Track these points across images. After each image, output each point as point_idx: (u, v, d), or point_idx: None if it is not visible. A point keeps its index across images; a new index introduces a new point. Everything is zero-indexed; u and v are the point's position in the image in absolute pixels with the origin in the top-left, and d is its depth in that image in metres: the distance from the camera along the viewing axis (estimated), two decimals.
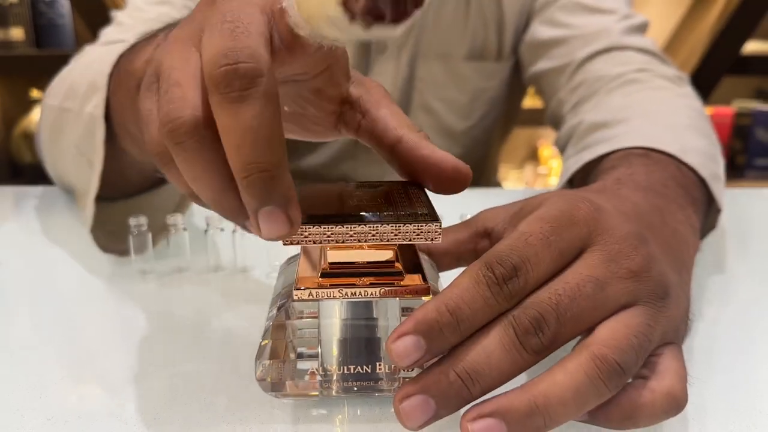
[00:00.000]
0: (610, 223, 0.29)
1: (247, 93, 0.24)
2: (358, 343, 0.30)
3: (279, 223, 0.25)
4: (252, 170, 0.24)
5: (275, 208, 0.25)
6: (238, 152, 0.24)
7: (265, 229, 0.25)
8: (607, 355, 0.26)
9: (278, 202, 0.25)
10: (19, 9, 1.69)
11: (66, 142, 0.50)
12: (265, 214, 0.25)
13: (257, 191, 0.25)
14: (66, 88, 0.52)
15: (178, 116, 0.25)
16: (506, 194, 0.78)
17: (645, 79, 0.60)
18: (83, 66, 0.52)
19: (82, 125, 0.47)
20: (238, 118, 0.24)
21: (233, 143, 0.24)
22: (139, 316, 0.42)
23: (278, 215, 0.25)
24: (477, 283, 0.27)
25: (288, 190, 0.25)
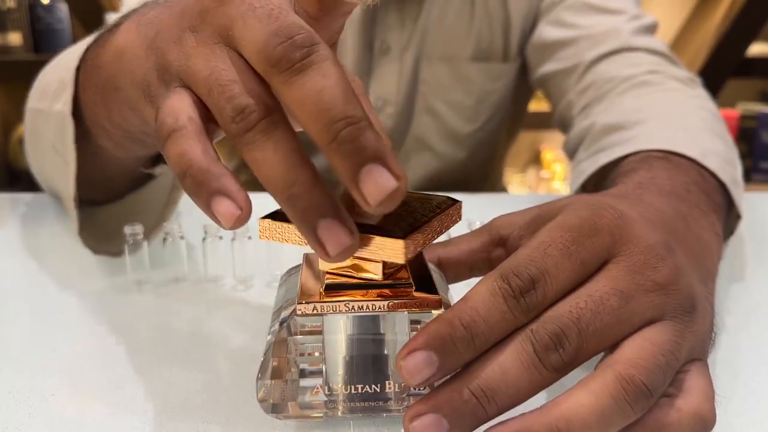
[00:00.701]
0: (635, 232, 0.27)
1: (310, 59, 0.23)
2: (365, 360, 0.28)
3: (385, 179, 0.22)
4: (340, 126, 0.23)
5: (374, 164, 0.22)
6: (321, 117, 0.23)
7: (372, 190, 0.23)
8: (634, 376, 0.24)
9: (373, 155, 0.23)
10: (17, 14, 1.69)
11: (44, 143, 0.49)
12: (366, 173, 0.22)
13: (352, 146, 0.23)
14: (40, 89, 0.50)
15: (247, 104, 0.24)
16: (514, 199, 0.76)
17: (657, 81, 0.58)
18: (55, 65, 0.51)
19: (54, 124, 0.45)
20: (310, 85, 0.23)
21: (312, 110, 0.23)
22: (134, 328, 0.40)
23: (379, 170, 0.23)
24: (492, 295, 0.25)
25: (381, 142, 0.23)
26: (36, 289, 0.46)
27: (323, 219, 0.23)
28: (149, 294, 0.45)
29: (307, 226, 0.24)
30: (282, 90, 0.24)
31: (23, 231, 0.58)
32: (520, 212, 0.33)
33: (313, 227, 0.24)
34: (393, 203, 0.23)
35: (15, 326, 0.41)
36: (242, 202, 0.25)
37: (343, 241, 0.24)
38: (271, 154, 0.24)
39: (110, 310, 0.43)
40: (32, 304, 0.44)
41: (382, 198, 0.23)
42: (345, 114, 0.23)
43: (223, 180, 0.25)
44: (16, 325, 0.41)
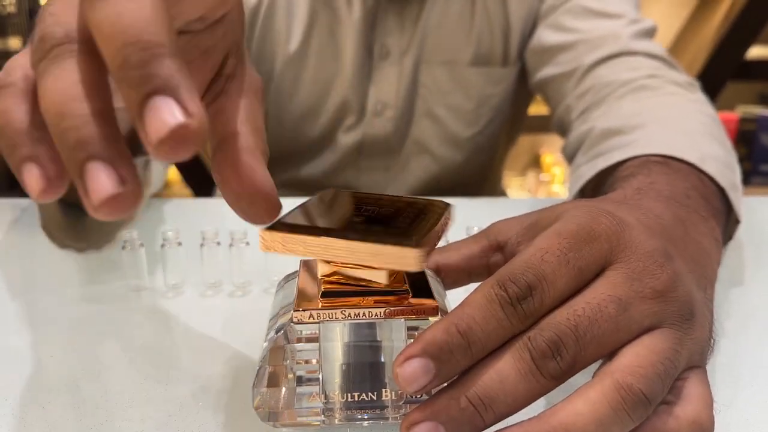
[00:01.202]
0: (633, 238, 0.27)
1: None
2: (362, 367, 0.28)
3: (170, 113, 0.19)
4: (127, 53, 0.20)
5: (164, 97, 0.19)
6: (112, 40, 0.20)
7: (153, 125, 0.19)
8: (632, 384, 0.24)
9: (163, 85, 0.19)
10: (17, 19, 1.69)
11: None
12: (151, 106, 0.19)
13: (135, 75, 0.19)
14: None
15: (49, 31, 0.22)
16: (513, 204, 0.76)
17: (656, 86, 0.58)
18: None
19: None
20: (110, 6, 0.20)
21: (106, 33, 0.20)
22: (131, 334, 0.40)
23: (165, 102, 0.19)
24: (489, 302, 0.25)
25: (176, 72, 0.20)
26: (32, 296, 0.46)
27: (91, 161, 0.20)
28: (146, 300, 0.44)
29: (73, 166, 0.21)
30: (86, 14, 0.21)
31: (20, 237, 0.57)
32: (518, 218, 0.33)
33: (80, 168, 0.21)
34: (180, 145, 0.19)
35: (11, 333, 0.41)
36: (52, 171, 0.22)
37: (108, 187, 0.20)
38: (52, 83, 0.21)
39: (107, 316, 0.42)
40: (29, 310, 0.44)
41: (165, 134, 0.19)
42: (137, 39, 0.20)
43: (38, 147, 0.22)
44: (12, 331, 0.41)
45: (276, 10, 0.72)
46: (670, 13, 1.88)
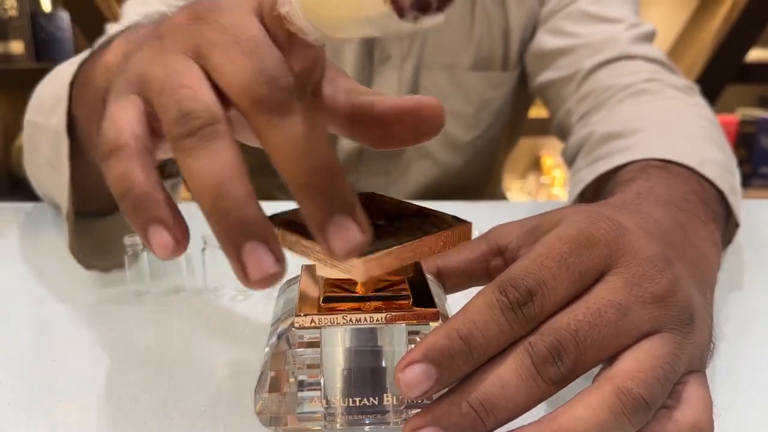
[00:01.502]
0: (633, 243, 0.27)
1: (293, 104, 0.23)
2: (363, 372, 0.28)
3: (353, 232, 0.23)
4: (313, 175, 0.22)
5: (343, 216, 0.23)
6: (297, 162, 0.22)
7: (339, 242, 0.23)
8: (632, 389, 0.24)
9: (344, 206, 0.23)
10: (19, 22, 1.69)
11: (40, 157, 0.49)
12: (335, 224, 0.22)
13: (322, 196, 0.22)
14: (37, 102, 0.51)
15: (194, 108, 0.23)
16: (513, 207, 0.76)
17: (656, 89, 0.59)
18: (52, 78, 0.51)
19: (50, 139, 0.45)
20: (290, 129, 0.23)
21: (290, 155, 0.23)
22: (133, 338, 0.40)
23: (348, 223, 0.23)
24: (490, 307, 0.25)
25: (352, 194, 0.23)
26: (35, 300, 0.46)
27: (249, 241, 0.22)
28: (148, 304, 0.45)
29: (231, 245, 0.23)
30: (260, 129, 0.23)
31: (23, 240, 0.58)
32: (519, 222, 0.33)
33: (237, 248, 0.22)
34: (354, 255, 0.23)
35: (14, 337, 0.41)
36: (179, 233, 0.24)
37: (266, 267, 0.22)
38: (207, 162, 0.23)
39: (110, 321, 0.43)
40: (31, 315, 0.44)
41: (349, 249, 0.23)
42: (321, 162, 0.22)
43: (163, 208, 0.24)
44: (16, 335, 0.41)
45: None
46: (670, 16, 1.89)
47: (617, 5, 0.69)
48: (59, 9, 1.74)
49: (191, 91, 0.24)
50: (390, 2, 0.20)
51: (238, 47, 0.24)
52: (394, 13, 0.20)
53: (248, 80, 0.23)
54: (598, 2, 0.68)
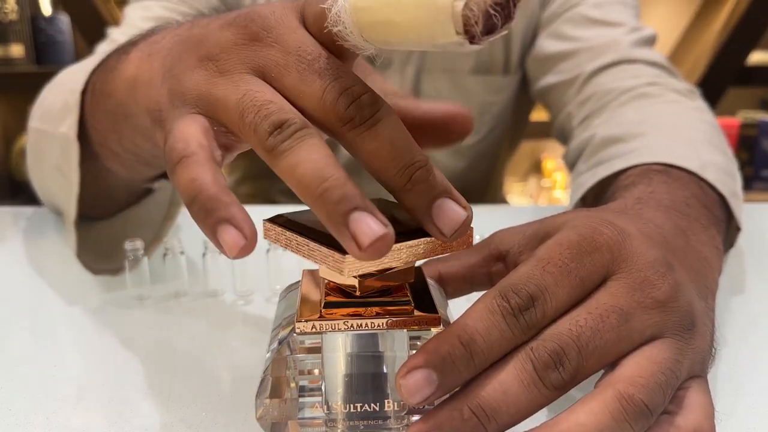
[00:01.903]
0: (634, 249, 0.27)
1: (379, 115, 0.25)
2: (364, 378, 0.28)
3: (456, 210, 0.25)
4: (412, 169, 0.25)
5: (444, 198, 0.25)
6: (395, 163, 0.25)
7: (445, 222, 0.25)
8: (633, 395, 0.24)
9: (443, 191, 0.26)
10: (19, 26, 1.70)
11: (47, 163, 0.49)
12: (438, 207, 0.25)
13: (425, 185, 0.25)
14: (43, 109, 0.51)
15: (287, 118, 0.25)
16: (514, 211, 0.76)
17: (657, 93, 0.59)
18: (58, 85, 0.51)
19: (58, 146, 0.45)
20: (382, 138, 0.25)
21: (387, 159, 0.25)
22: (134, 343, 0.40)
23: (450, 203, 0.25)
24: (491, 313, 0.25)
25: (445, 180, 0.26)
26: (36, 304, 0.46)
27: (355, 211, 0.23)
28: (150, 309, 0.45)
29: (338, 219, 0.24)
30: (353, 143, 0.26)
31: (24, 245, 0.58)
32: (520, 227, 0.33)
33: (345, 219, 0.23)
34: (464, 231, 0.26)
35: (14, 341, 0.41)
36: (248, 231, 0.24)
37: (375, 231, 0.23)
38: (306, 154, 0.24)
39: (111, 326, 0.42)
40: (32, 319, 0.44)
41: (456, 226, 0.25)
42: (415, 158, 0.25)
43: (232, 209, 0.25)
44: (16, 340, 0.41)
45: None
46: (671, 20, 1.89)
47: (618, 9, 0.69)
48: (59, 12, 1.74)
49: (278, 105, 0.25)
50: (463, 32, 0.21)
51: (311, 69, 0.26)
52: (467, 41, 0.21)
53: (332, 102, 0.25)
54: (599, 6, 0.68)
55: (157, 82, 0.30)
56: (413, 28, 0.22)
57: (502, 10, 0.21)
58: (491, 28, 0.21)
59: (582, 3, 0.69)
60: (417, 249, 0.27)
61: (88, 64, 0.44)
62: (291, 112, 0.25)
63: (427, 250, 0.28)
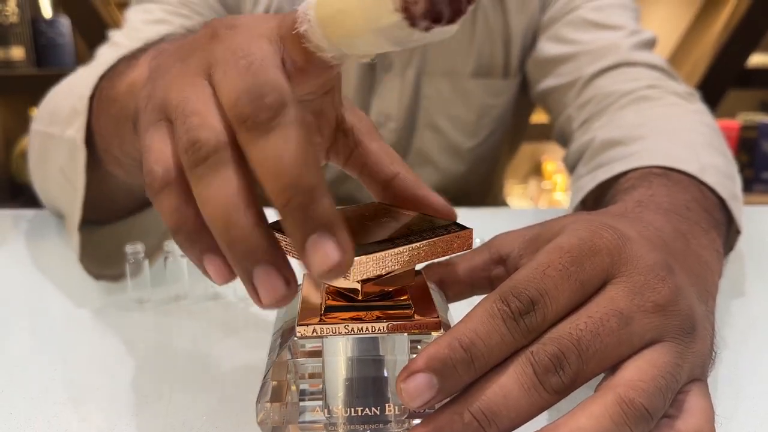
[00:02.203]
0: (634, 252, 0.27)
1: (275, 122, 0.23)
2: (365, 382, 0.28)
3: (329, 250, 0.23)
4: (290, 194, 0.23)
5: (321, 234, 0.23)
6: (276, 180, 0.23)
7: (314, 261, 0.23)
8: (634, 398, 0.24)
9: (322, 225, 0.23)
10: (19, 29, 1.70)
11: (52, 167, 0.49)
12: (311, 244, 0.23)
13: (302, 214, 0.23)
14: (50, 112, 0.51)
15: (200, 137, 0.24)
16: (514, 214, 0.76)
17: (657, 96, 0.59)
18: (66, 89, 0.51)
19: (65, 150, 0.46)
20: (270, 148, 0.23)
21: (269, 173, 0.23)
22: (135, 347, 0.40)
23: (324, 242, 0.23)
24: (492, 317, 0.25)
25: (331, 213, 0.23)
26: (37, 307, 0.46)
27: (258, 265, 0.23)
28: (150, 312, 0.45)
29: (242, 270, 0.24)
30: (245, 147, 0.24)
31: (25, 248, 0.58)
32: (520, 231, 0.33)
33: (249, 273, 0.23)
34: (337, 275, 0.23)
35: (15, 345, 0.41)
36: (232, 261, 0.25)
37: (276, 289, 0.23)
38: (214, 192, 0.24)
39: (112, 328, 0.43)
40: (33, 323, 0.44)
41: (326, 269, 0.23)
42: (298, 182, 0.23)
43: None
44: (17, 343, 0.41)
45: None
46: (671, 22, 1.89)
47: (618, 13, 0.69)
48: (60, 15, 1.75)
49: (199, 118, 0.24)
50: (402, 11, 0.20)
51: (236, 65, 0.24)
52: (406, 22, 0.21)
53: (235, 98, 0.24)
54: (599, 10, 0.69)
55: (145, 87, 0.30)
56: (361, 13, 0.22)
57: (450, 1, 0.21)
58: (437, 16, 0.21)
59: (582, 6, 0.70)
60: (419, 251, 0.27)
61: (97, 69, 0.44)
62: (209, 129, 0.24)
63: (427, 253, 0.28)
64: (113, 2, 1.71)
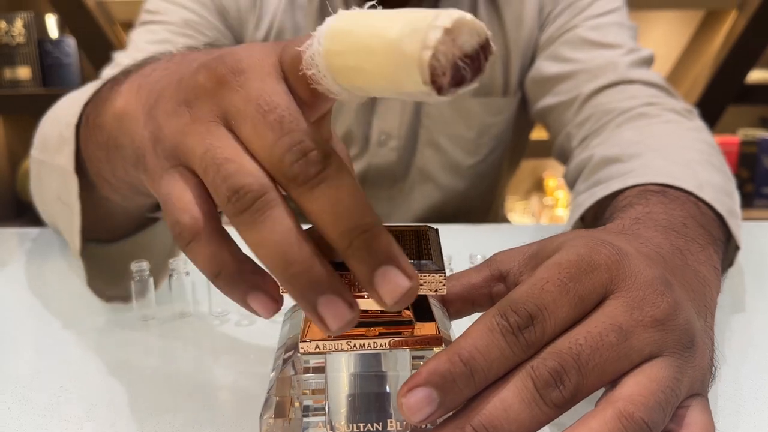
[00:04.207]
0: (633, 268, 0.28)
1: (324, 174, 0.24)
2: (368, 398, 0.28)
3: (399, 279, 0.24)
4: (354, 234, 0.24)
5: (387, 267, 0.24)
6: (336, 227, 0.24)
7: (387, 290, 0.24)
8: (633, 413, 0.24)
9: (387, 258, 0.24)
10: (26, 49, 1.72)
11: (49, 193, 0.50)
12: (380, 276, 0.24)
13: (366, 252, 0.24)
14: (42, 139, 0.51)
15: (243, 184, 0.25)
16: (515, 230, 0.77)
17: (655, 113, 0.59)
18: (54, 115, 0.51)
19: (58, 177, 0.46)
20: (325, 200, 0.24)
21: (329, 222, 0.24)
22: (140, 363, 0.41)
23: (392, 273, 0.24)
24: (491, 331, 0.26)
25: (392, 245, 0.25)
26: (42, 325, 0.47)
27: (322, 296, 0.24)
28: (155, 329, 0.45)
29: (307, 303, 0.25)
30: (299, 201, 0.25)
31: (30, 266, 0.58)
32: (520, 248, 0.34)
33: (314, 304, 0.25)
34: (407, 301, 0.24)
35: (21, 363, 0.41)
36: (275, 292, 0.26)
37: (343, 316, 0.24)
38: (268, 235, 0.25)
39: (117, 346, 0.43)
40: (39, 340, 0.45)
41: (398, 297, 0.24)
42: (357, 223, 0.24)
43: (255, 278, 0.26)
44: (22, 361, 0.42)
45: None
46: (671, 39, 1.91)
47: (616, 31, 0.70)
48: (66, 35, 1.77)
49: (235, 165, 0.25)
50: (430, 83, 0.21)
51: (265, 121, 0.25)
52: (434, 91, 0.21)
53: (279, 157, 0.24)
54: (597, 28, 0.70)
55: (141, 121, 0.30)
56: (383, 76, 0.22)
57: (472, 62, 0.21)
58: (460, 80, 0.21)
59: (580, 25, 0.71)
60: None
61: (82, 95, 0.44)
62: (249, 175, 0.25)
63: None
64: (118, 23, 1.73)
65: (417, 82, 0.21)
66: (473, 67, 0.21)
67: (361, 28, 0.22)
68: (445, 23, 0.21)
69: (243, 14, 0.72)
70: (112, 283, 0.48)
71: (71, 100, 0.48)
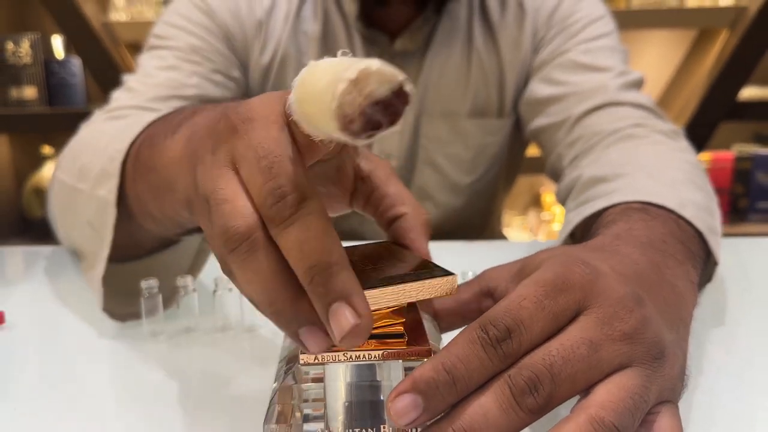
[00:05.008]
0: (605, 286, 0.30)
1: (296, 216, 0.27)
2: (363, 406, 0.31)
3: (347, 317, 0.26)
4: (312, 273, 0.26)
5: (339, 304, 0.26)
6: (300, 264, 0.27)
7: (335, 327, 0.26)
8: (604, 417, 0.26)
9: (341, 296, 0.26)
10: (32, 69, 1.74)
11: (79, 219, 0.51)
12: (332, 313, 0.26)
13: (322, 289, 0.26)
14: (78, 168, 0.52)
15: (231, 225, 0.27)
16: (511, 247, 0.79)
17: (642, 135, 0.61)
18: (93, 145, 0.52)
19: (94, 206, 0.47)
20: (293, 239, 0.27)
21: (295, 259, 0.27)
22: (150, 377, 0.42)
23: (342, 310, 0.26)
24: (472, 343, 0.28)
25: (348, 285, 0.27)
26: (51, 340, 0.48)
27: (302, 327, 0.28)
28: (163, 344, 0.47)
29: (290, 333, 0.28)
30: (276, 239, 0.27)
31: (39, 283, 0.60)
32: (507, 265, 0.36)
33: (295, 334, 0.28)
34: (356, 338, 0.26)
35: (31, 379, 0.43)
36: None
37: (322, 342, 0.28)
38: (252, 276, 0.27)
39: (126, 360, 0.45)
40: (47, 355, 0.46)
41: (343, 333, 0.26)
42: (318, 261, 0.26)
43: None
44: (32, 374, 0.43)
45: (287, 68, 0.76)
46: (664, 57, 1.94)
47: (606, 55, 0.72)
48: (72, 56, 1.79)
49: (230, 207, 0.28)
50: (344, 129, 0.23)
51: (258, 165, 0.28)
52: (348, 137, 0.23)
53: (263, 198, 0.27)
54: (589, 52, 0.72)
55: (186, 168, 0.33)
56: (324, 122, 0.24)
57: (386, 108, 0.22)
58: (376, 125, 0.22)
59: (572, 49, 0.73)
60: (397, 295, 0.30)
61: (127, 133, 0.46)
62: (239, 217, 0.27)
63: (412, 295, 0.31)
64: (123, 44, 1.76)
65: (335, 129, 0.23)
66: (389, 112, 0.23)
67: (314, 77, 0.24)
68: (351, 75, 0.22)
69: (248, 40, 0.75)
70: (127, 301, 0.49)
71: (112, 133, 0.50)
